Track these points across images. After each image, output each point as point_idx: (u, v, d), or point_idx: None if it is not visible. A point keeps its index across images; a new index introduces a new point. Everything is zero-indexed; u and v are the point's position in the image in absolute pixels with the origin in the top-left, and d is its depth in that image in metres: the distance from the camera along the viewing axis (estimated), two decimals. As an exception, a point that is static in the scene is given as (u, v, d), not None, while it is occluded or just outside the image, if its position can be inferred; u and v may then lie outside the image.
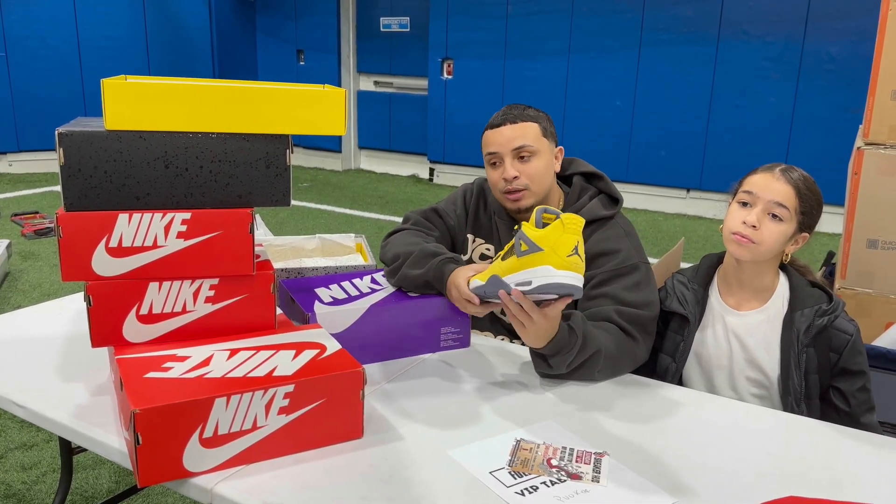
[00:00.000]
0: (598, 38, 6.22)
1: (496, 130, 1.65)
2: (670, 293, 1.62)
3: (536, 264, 1.25)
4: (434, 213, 1.81)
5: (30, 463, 2.31)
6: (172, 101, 1.20)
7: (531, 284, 1.25)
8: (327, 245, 2.02)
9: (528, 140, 1.63)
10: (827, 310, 1.49)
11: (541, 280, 1.24)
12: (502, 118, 1.66)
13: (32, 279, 4.06)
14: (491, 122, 1.68)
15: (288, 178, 1.30)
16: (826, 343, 1.50)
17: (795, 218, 1.48)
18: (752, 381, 1.55)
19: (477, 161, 7.01)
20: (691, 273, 1.64)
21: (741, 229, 1.47)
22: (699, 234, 5.55)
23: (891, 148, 2.17)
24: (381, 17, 7.45)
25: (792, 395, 1.49)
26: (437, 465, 1.15)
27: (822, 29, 5.41)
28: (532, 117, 1.66)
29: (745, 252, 1.49)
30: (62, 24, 6.74)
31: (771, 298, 1.55)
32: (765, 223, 1.46)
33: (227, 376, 1.15)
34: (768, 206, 1.47)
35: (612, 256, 1.59)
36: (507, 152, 1.63)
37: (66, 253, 1.22)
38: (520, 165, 1.63)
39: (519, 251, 1.27)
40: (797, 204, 1.47)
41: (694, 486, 1.12)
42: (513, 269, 1.29)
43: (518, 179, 1.63)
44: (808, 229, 1.51)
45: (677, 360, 1.59)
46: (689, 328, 1.58)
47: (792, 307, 1.52)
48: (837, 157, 3.46)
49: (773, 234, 1.47)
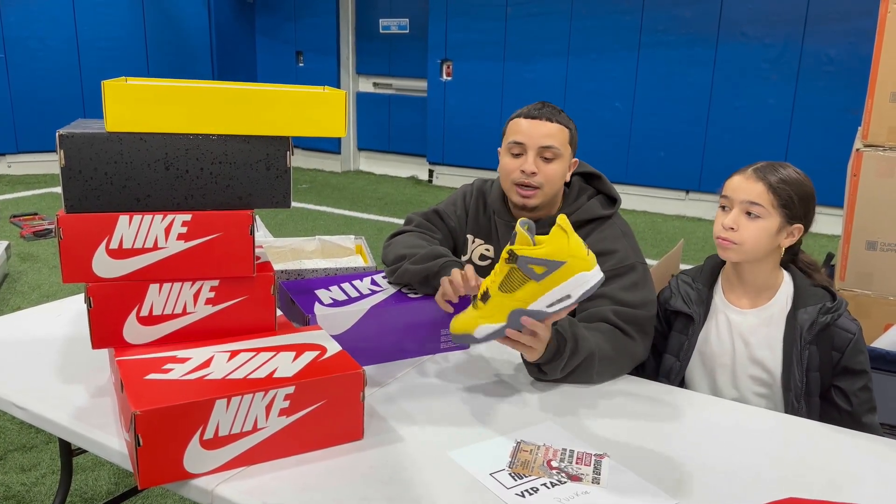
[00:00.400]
0: (598, 40, 6.22)
1: (531, 122, 1.64)
2: (675, 293, 1.63)
3: (567, 277, 1.23)
4: (436, 214, 1.81)
5: (29, 464, 2.31)
6: (173, 102, 1.20)
7: (571, 298, 1.24)
8: (327, 247, 2.02)
9: (556, 142, 1.63)
10: (831, 308, 1.50)
11: (580, 289, 1.23)
12: (539, 112, 1.65)
13: (31, 281, 4.06)
14: (525, 112, 1.66)
15: (288, 179, 1.30)
16: (828, 341, 1.51)
17: (776, 212, 1.49)
18: (754, 380, 1.55)
19: (476, 162, 7.05)
20: (695, 273, 1.66)
21: (721, 233, 1.52)
22: (698, 235, 5.55)
23: (890, 150, 2.17)
24: (380, 19, 7.45)
25: (793, 392, 1.50)
26: (438, 467, 1.15)
27: (820, 30, 5.42)
28: (565, 122, 1.66)
29: (731, 254, 1.53)
30: (61, 26, 6.73)
31: (774, 297, 1.56)
32: (742, 223, 1.50)
33: (228, 378, 1.15)
34: (743, 206, 1.51)
35: (610, 256, 1.59)
36: (534, 147, 1.62)
37: (66, 254, 1.22)
38: (541, 164, 1.63)
39: (536, 276, 1.23)
40: (771, 199, 1.49)
41: (694, 488, 1.12)
42: (538, 293, 1.25)
43: (535, 177, 1.62)
44: (798, 220, 1.52)
45: (681, 358, 1.60)
46: (694, 327, 1.59)
47: (795, 305, 1.53)
48: (836, 159, 3.47)
49: (753, 232, 1.49)
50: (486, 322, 1.30)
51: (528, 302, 1.26)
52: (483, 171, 6.69)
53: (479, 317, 1.31)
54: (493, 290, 1.29)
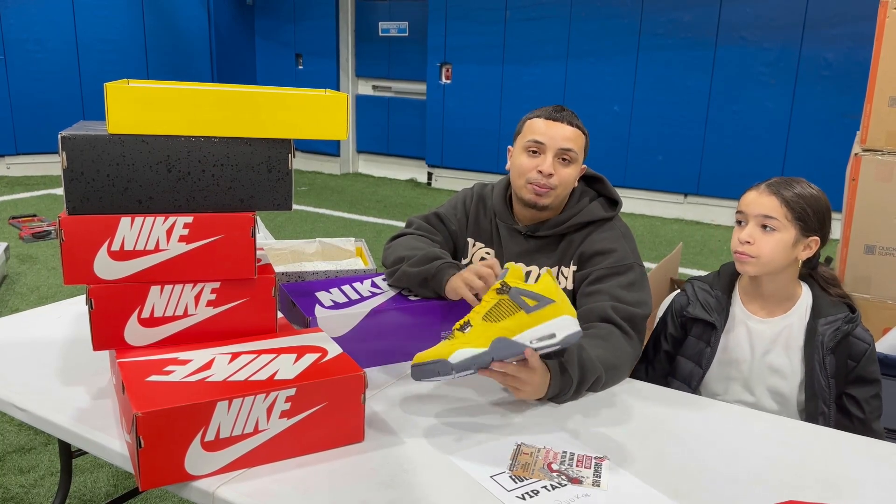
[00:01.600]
0: (597, 43, 6.23)
1: (552, 124, 1.64)
2: (692, 299, 1.65)
3: (556, 315, 1.22)
4: (436, 217, 1.81)
5: (28, 466, 2.31)
6: (175, 105, 1.21)
7: (556, 337, 1.22)
8: (327, 249, 2.02)
9: (574, 146, 1.64)
10: (853, 318, 1.54)
11: (565, 332, 1.22)
12: (560, 115, 1.66)
13: (30, 282, 4.06)
14: (546, 114, 1.67)
15: (290, 182, 1.30)
16: (845, 350, 1.54)
17: (791, 225, 1.52)
18: (770, 387, 1.58)
19: (475, 165, 7.05)
20: (712, 280, 1.68)
21: (738, 247, 1.55)
22: (697, 238, 5.56)
23: (888, 154, 2.18)
24: (379, 22, 7.46)
25: (819, 397, 1.53)
26: (439, 469, 1.15)
27: (819, 35, 5.43)
28: (582, 128, 1.69)
29: (749, 268, 1.55)
30: (61, 28, 6.73)
31: (793, 307, 1.58)
32: (758, 237, 1.53)
33: (229, 380, 1.16)
34: (758, 220, 1.53)
35: (609, 255, 1.61)
36: (554, 148, 1.63)
37: (68, 256, 1.22)
38: (558, 166, 1.64)
39: (527, 307, 1.23)
40: (786, 212, 1.51)
41: (693, 491, 1.12)
42: (525, 325, 1.23)
43: (552, 178, 1.63)
44: (814, 233, 1.54)
45: (703, 365, 1.62)
46: (716, 334, 1.61)
47: (815, 315, 1.56)
48: (835, 163, 3.48)
49: (769, 244, 1.52)
50: (465, 347, 1.21)
51: (515, 332, 1.23)
52: (482, 173, 6.70)
53: (456, 343, 1.23)
54: (475, 321, 1.25)
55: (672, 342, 1.69)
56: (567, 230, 1.68)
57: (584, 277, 1.62)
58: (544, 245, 1.70)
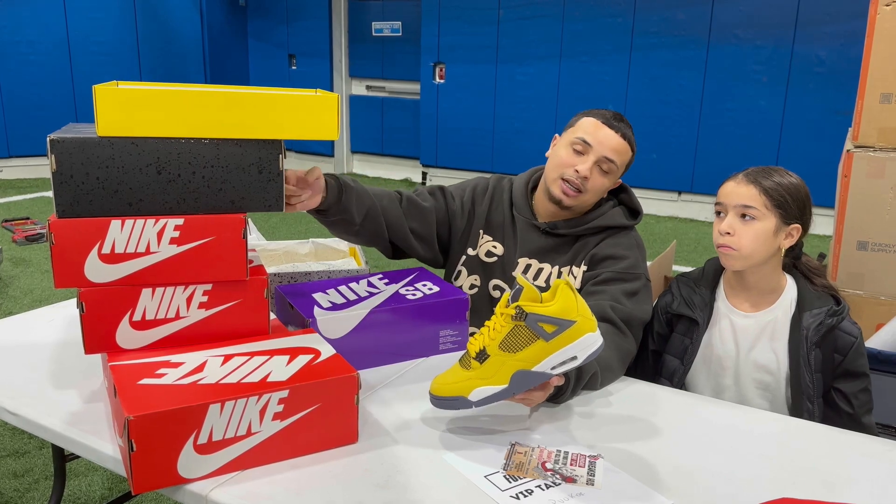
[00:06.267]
0: (590, 43, 6.24)
1: (605, 129, 1.63)
2: (676, 297, 1.64)
3: (576, 337, 1.17)
4: (440, 190, 1.79)
5: (22, 470, 2.30)
6: (165, 107, 1.20)
7: (577, 360, 1.18)
8: (321, 249, 2.01)
9: (618, 159, 1.64)
10: (837, 310, 1.52)
11: (587, 350, 1.18)
12: (617, 124, 1.65)
13: (23, 285, 4.04)
14: (603, 118, 1.65)
15: (281, 183, 1.30)
16: (831, 344, 1.53)
17: (770, 213, 1.50)
18: (757, 382, 1.57)
19: (469, 165, 7.05)
20: (696, 276, 1.67)
21: (719, 239, 1.54)
22: (691, 236, 5.57)
23: (880, 150, 2.19)
24: (372, 22, 7.45)
25: (804, 394, 1.52)
26: (432, 470, 1.15)
27: (811, 33, 5.45)
28: (633, 144, 1.68)
29: (733, 261, 1.54)
30: (52, 29, 6.71)
31: (778, 300, 1.57)
32: (737, 227, 1.51)
33: (222, 382, 1.15)
34: (737, 210, 1.52)
35: (620, 261, 1.61)
36: (599, 154, 1.62)
37: (58, 259, 1.21)
38: (596, 172, 1.63)
39: (546, 335, 1.17)
40: (765, 200, 1.50)
41: (688, 489, 1.12)
42: (544, 353, 1.18)
43: (586, 182, 1.62)
44: (794, 220, 1.53)
45: (685, 362, 1.61)
46: (698, 331, 1.60)
47: (800, 308, 1.55)
48: (827, 160, 3.48)
49: (749, 234, 1.50)
50: (484, 384, 1.19)
51: (534, 363, 1.18)
52: (476, 173, 6.68)
53: (474, 377, 1.20)
54: (492, 349, 1.20)
55: (658, 340, 1.68)
56: (585, 231, 1.68)
57: (591, 277, 1.63)
58: (560, 244, 1.69)
